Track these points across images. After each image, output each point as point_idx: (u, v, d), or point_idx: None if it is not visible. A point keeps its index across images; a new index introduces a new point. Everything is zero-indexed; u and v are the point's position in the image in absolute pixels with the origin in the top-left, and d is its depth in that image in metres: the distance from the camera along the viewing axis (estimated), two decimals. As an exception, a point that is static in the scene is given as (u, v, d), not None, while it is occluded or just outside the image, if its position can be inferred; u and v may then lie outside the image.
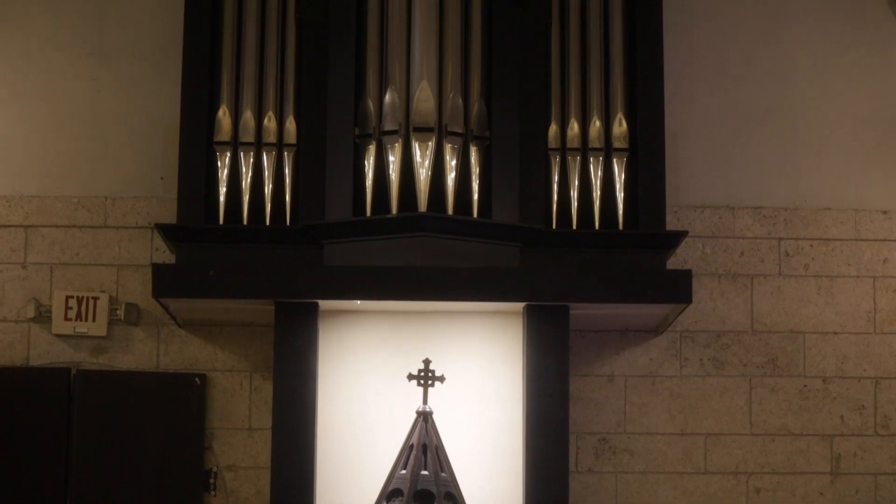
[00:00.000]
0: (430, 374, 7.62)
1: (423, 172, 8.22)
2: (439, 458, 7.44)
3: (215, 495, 8.85)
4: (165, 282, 8.24)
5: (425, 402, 7.55)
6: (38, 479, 8.69)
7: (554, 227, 8.45)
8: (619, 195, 8.45)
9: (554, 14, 8.60)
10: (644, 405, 9.01)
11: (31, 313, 8.89)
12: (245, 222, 8.40)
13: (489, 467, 8.31)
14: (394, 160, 8.27)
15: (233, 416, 8.92)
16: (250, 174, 8.43)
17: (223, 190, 8.40)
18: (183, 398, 8.84)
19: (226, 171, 8.41)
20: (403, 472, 7.39)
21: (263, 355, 8.89)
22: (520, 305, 8.30)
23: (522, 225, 8.31)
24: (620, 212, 8.44)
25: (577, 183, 8.49)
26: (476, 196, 8.32)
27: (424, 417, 7.50)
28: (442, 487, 7.37)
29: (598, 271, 8.30)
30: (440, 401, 7.81)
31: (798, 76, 9.25)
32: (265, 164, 8.44)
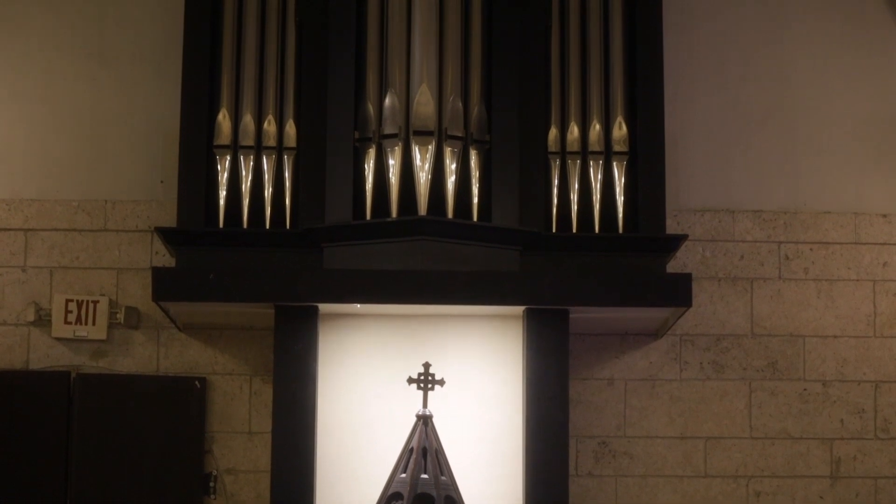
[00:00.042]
0: (429, 378, 7.63)
1: (423, 176, 8.22)
2: (439, 462, 7.44)
3: (215, 499, 8.84)
4: (165, 285, 8.24)
5: (425, 405, 7.55)
6: (38, 482, 8.68)
7: (554, 230, 8.45)
8: (619, 199, 8.45)
9: (554, 16, 8.61)
10: (644, 409, 9.01)
11: (31, 317, 8.88)
12: (245, 226, 8.40)
13: (489, 471, 8.30)
14: (394, 164, 8.27)
15: (233, 420, 8.92)
16: (250, 178, 8.43)
17: (223, 193, 8.40)
18: (183, 402, 8.83)
19: (226, 175, 8.41)
20: (403, 475, 7.39)
21: (263, 359, 8.89)
22: (520, 309, 8.30)
23: (522, 228, 8.31)
24: (620, 215, 8.43)
25: (576, 186, 8.49)
26: (476, 200, 8.31)
27: (424, 421, 7.50)
28: (442, 491, 7.37)
29: (598, 275, 8.29)
30: (440, 404, 7.81)
31: (798, 77, 9.25)
32: (265, 167, 8.44)
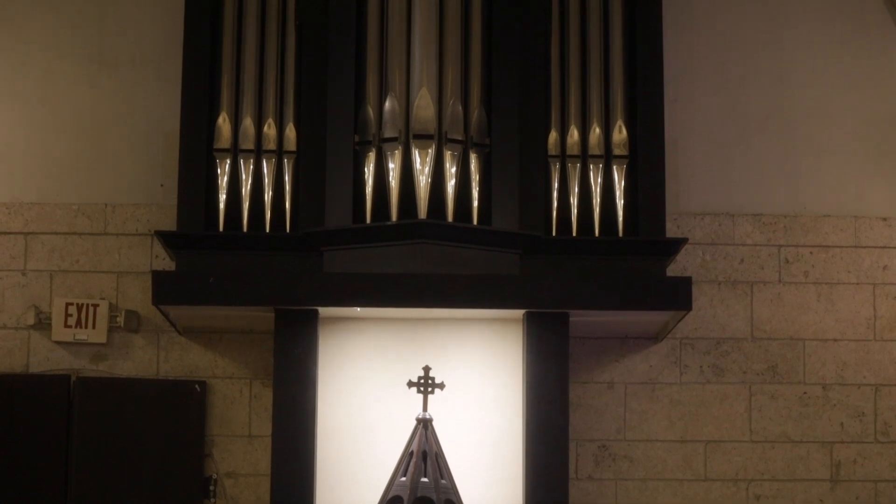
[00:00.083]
0: (429, 381, 7.62)
1: (423, 179, 8.22)
2: (439, 465, 7.43)
3: (215, 502, 8.84)
4: (165, 289, 8.24)
5: (425, 409, 7.55)
6: (38, 486, 8.68)
7: (554, 234, 8.45)
8: (619, 202, 8.44)
9: (554, 18, 8.61)
10: (644, 412, 9.00)
11: (31, 320, 8.88)
12: (245, 229, 8.40)
13: (489, 474, 8.30)
14: (394, 167, 8.26)
15: (233, 423, 8.92)
16: (250, 181, 8.43)
17: (223, 197, 8.40)
18: (183, 405, 8.83)
19: (226, 179, 8.41)
20: (403, 479, 7.39)
21: (263, 362, 8.89)
22: (520, 312, 8.30)
23: (522, 232, 8.31)
24: (620, 219, 8.43)
25: (576, 190, 8.49)
26: (476, 203, 8.31)
27: (424, 424, 7.50)
28: (442, 494, 7.37)
29: (598, 278, 8.29)
30: (440, 408, 7.81)
31: (798, 79, 9.25)
32: (265, 171, 8.44)
